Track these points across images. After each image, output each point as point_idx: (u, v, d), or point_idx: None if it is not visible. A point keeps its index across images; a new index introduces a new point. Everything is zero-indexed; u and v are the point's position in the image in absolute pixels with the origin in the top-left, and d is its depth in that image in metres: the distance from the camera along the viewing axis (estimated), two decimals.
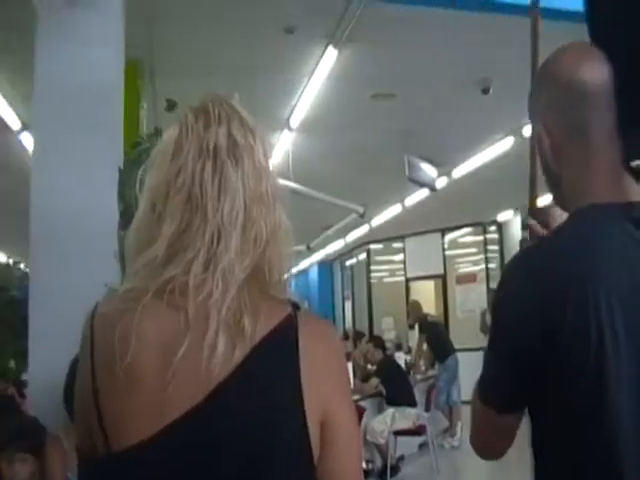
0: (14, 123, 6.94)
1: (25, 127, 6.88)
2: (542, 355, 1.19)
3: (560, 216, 1.45)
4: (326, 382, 1.11)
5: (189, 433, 1.03)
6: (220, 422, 1.04)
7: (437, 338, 10.14)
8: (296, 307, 1.14)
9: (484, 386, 1.30)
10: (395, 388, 8.20)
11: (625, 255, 1.21)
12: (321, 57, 6.07)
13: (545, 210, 1.52)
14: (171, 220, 1.11)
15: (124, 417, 1.04)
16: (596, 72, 1.29)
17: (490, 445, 1.37)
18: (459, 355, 9.92)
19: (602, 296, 1.17)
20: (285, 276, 1.18)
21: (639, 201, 1.27)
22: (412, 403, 8.16)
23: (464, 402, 9.28)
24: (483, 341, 1.95)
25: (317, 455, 1.08)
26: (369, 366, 9.26)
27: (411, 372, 9.86)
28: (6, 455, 3.01)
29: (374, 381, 8.40)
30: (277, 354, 1.09)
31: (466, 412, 9.10)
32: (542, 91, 1.37)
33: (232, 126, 1.16)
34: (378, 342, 9.26)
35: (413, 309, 11.09)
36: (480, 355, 1.35)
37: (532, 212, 1.56)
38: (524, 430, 1.31)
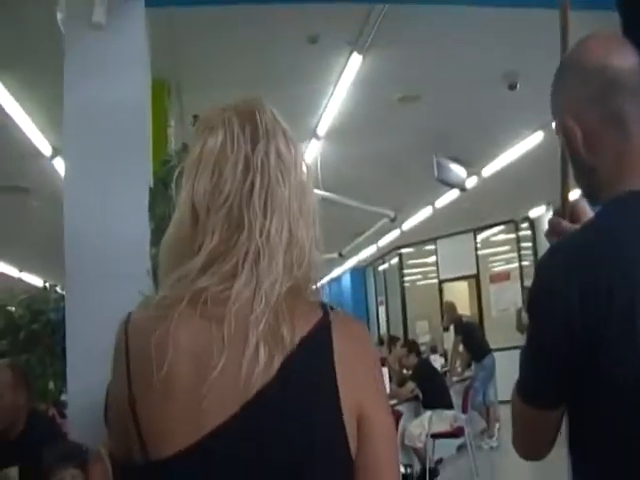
0: (46, 149, 7.17)
1: (56, 153, 7.11)
2: (583, 348, 1.17)
3: (588, 209, 1.43)
4: (361, 379, 1.11)
5: (227, 443, 1.04)
6: (259, 428, 1.05)
7: (473, 338, 10.06)
8: (329, 307, 1.14)
9: (523, 384, 1.29)
10: (431, 391, 8.15)
11: None
12: (345, 64, 6.08)
13: (573, 204, 1.48)
14: (212, 233, 1.10)
15: (161, 424, 1.05)
16: (626, 57, 1.28)
17: (533, 445, 1.35)
18: (495, 355, 9.83)
19: None
20: (319, 283, 1.19)
21: None
22: (449, 405, 8.11)
23: (501, 402, 9.19)
24: (519, 340, 1.93)
25: (354, 449, 1.08)
26: (404, 371, 9.22)
27: (447, 374, 9.80)
28: (55, 475, 3.08)
29: (410, 385, 8.35)
30: (313, 355, 1.09)
31: (503, 412, 9.01)
32: (569, 81, 1.34)
33: (279, 140, 1.15)
34: (412, 347, 9.24)
35: (448, 310, 11.01)
36: (516, 354, 1.33)
37: (562, 209, 1.49)
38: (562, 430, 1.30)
